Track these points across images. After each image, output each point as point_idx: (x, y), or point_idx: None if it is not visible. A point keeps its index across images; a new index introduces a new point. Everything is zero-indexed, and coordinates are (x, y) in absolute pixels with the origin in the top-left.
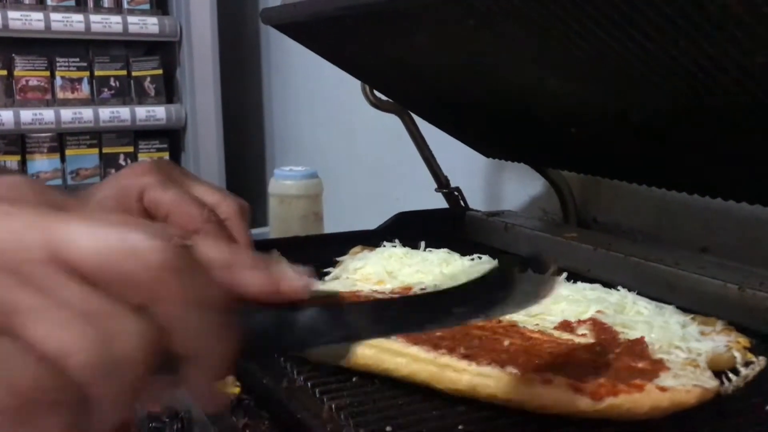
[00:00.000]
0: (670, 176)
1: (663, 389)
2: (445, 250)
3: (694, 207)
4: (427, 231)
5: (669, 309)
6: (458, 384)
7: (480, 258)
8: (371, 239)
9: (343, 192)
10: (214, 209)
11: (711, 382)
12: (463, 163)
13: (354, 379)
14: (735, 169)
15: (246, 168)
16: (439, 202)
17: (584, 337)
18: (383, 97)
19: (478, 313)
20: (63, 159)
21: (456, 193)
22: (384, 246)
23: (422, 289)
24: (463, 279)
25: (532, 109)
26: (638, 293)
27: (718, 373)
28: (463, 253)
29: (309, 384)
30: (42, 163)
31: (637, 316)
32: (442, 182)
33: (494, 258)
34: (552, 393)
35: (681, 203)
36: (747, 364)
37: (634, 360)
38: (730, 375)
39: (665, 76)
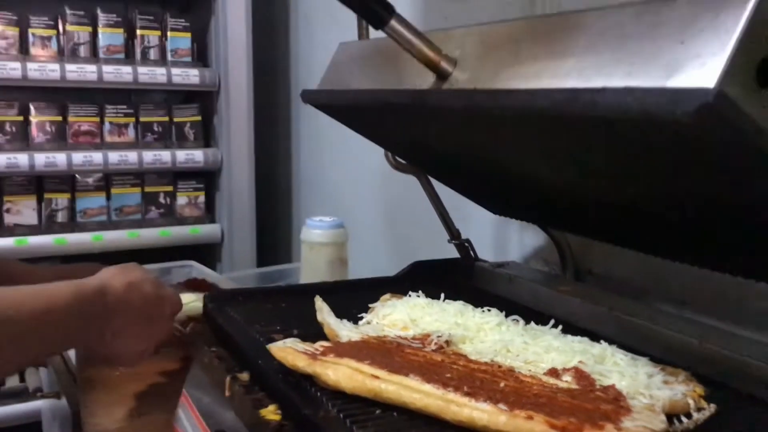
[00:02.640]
0: (654, 245)
1: (619, 429)
2: (461, 302)
3: (676, 266)
4: (440, 280)
5: (642, 361)
6: (459, 416)
7: (489, 310)
8: (391, 285)
9: (365, 238)
10: None
11: (661, 425)
12: (474, 216)
13: (377, 411)
14: (706, 243)
15: (275, 209)
16: (452, 250)
17: (567, 382)
18: (403, 161)
19: None
20: (108, 197)
21: (466, 244)
22: (410, 296)
23: (439, 336)
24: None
25: (532, 183)
26: (618, 344)
27: (676, 417)
28: (476, 304)
29: (341, 415)
30: (89, 200)
31: (614, 366)
32: (453, 234)
33: (501, 311)
34: (532, 426)
35: (665, 262)
36: (699, 410)
37: (605, 404)
38: (683, 419)
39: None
